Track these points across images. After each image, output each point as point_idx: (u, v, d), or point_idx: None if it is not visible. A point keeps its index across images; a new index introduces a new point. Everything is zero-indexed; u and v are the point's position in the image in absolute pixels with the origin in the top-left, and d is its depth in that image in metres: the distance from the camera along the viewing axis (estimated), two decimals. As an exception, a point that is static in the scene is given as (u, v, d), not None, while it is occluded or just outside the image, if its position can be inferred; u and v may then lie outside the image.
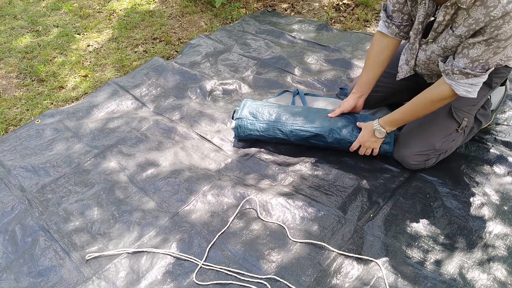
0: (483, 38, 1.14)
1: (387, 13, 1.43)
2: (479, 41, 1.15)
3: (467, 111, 1.44)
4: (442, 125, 1.45)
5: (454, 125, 1.45)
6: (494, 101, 1.62)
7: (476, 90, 1.26)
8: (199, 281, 1.24)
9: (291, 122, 1.60)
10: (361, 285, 1.20)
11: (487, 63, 1.19)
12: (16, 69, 2.42)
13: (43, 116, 1.96)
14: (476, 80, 1.23)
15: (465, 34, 1.18)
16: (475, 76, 1.22)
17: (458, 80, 1.25)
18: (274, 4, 2.90)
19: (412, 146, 1.47)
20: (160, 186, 1.55)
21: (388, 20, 1.43)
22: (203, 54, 2.31)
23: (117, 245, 1.37)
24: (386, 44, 1.48)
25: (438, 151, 1.47)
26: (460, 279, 1.20)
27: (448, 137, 1.45)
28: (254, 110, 1.66)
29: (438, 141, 1.44)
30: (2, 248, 1.38)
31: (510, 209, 1.38)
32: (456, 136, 1.47)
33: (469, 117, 1.45)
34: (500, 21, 1.08)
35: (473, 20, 1.14)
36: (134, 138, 1.77)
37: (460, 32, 1.19)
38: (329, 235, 1.34)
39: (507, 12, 1.06)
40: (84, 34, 2.74)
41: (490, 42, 1.13)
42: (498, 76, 1.42)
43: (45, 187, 1.58)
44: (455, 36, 1.21)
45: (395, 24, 1.42)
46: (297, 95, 1.88)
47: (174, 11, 2.94)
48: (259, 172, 1.59)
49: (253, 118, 1.65)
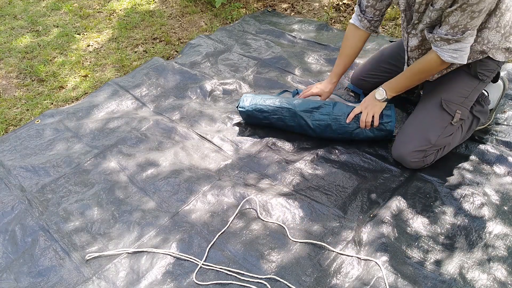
0: (457, 5, 1.21)
1: (360, 8, 1.56)
2: (455, 9, 1.22)
3: (459, 103, 1.46)
4: (435, 118, 1.47)
5: (447, 118, 1.47)
6: (492, 100, 1.63)
7: (462, 55, 1.32)
8: (199, 281, 1.24)
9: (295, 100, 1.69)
10: (361, 285, 1.20)
11: (466, 27, 1.25)
12: (16, 69, 2.42)
13: (43, 116, 1.96)
14: (458, 45, 1.29)
15: (444, 5, 1.26)
16: (456, 41, 1.28)
17: (442, 47, 1.32)
18: (274, 4, 2.90)
19: (409, 144, 1.48)
20: (160, 186, 1.55)
21: (361, 14, 1.57)
22: (203, 54, 2.31)
23: (117, 245, 1.37)
24: (358, 37, 1.63)
25: (436, 146, 1.47)
26: (460, 279, 1.20)
27: (443, 131, 1.46)
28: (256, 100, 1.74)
29: (434, 136, 1.45)
30: (2, 248, 1.38)
31: (510, 209, 1.38)
32: (452, 130, 1.48)
33: (462, 110, 1.47)
34: None
35: None
36: (134, 138, 1.77)
37: (439, 5, 1.27)
38: (329, 235, 1.34)
39: None
40: (84, 34, 2.74)
41: (464, 8, 1.20)
42: (485, 68, 1.44)
43: (45, 187, 1.58)
44: (436, 10, 1.29)
45: (367, 19, 1.56)
46: (296, 94, 1.88)
47: (174, 11, 2.94)
48: (259, 172, 1.59)
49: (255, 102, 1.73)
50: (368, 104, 1.56)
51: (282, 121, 1.68)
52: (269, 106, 1.69)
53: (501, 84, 1.65)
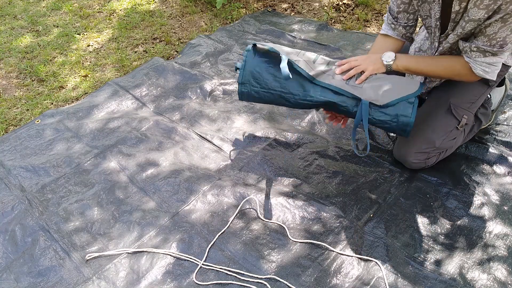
0: (499, 15, 1.14)
1: (392, 15, 1.44)
2: (495, 20, 1.16)
3: (467, 108, 1.44)
4: (442, 122, 1.45)
5: (453, 123, 1.45)
6: (494, 101, 1.63)
7: (494, 71, 1.26)
8: (199, 281, 1.24)
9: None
10: (361, 285, 1.20)
11: (505, 41, 1.19)
12: (16, 69, 2.42)
13: (43, 116, 1.96)
14: (493, 59, 1.23)
15: (482, 16, 1.18)
16: (493, 54, 1.22)
17: (476, 58, 1.26)
18: (274, 4, 2.90)
19: (412, 144, 1.47)
20: (160, 186, 1.55)
21: (394, 21, 1.44)
22: (203, 54, 2.31)
23: (117, 245, 1.37)
24: (390, 44, 1.48)
25: (439, 149, 1.46)
26: (460, 279, 1.20)
27: (448, 135, 1.45)
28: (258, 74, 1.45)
29: (439, 139, 1.44)
30: (2, 248, 1.38)
31: (510, 209, 1.38)
32: (457, 134, 1.47)
33: (468, 115, 1.45)
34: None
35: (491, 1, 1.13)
36: (134, 138, 1.77)
37: (478, 16, 1.18)
38: (329, 235, 1.34)
39: None
40: (84, 34, 2.74)
41: (506, 18, 1.14)
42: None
43: (45, 187, 1.58)
44: (472, 21, 1.21)
45: (401, 25, 1.43)
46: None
47: (174, 11, 2.94)
48: (259, 172, 1.59)
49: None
50: (367, 58, 1.38)
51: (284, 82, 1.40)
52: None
53: (502, 86, 1.65)
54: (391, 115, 1.34)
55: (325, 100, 1.38)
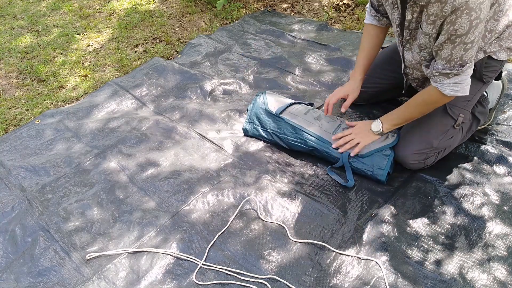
0: (446, 37, 1.17)
1: (374, 8, 1.52)
2: (444, 41, 1.18)
3: (462, 107, 1.45)
4: (438, 122, 1.46)
5: (450, 122, 1.46)
6: (491, 99, 1.62)
7: (464, 87, 1.27)
8: (199, 281, 1.24)
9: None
10: (361, 285, 1.20)
11: (463, 60, 1.20)
12: (16, 69, 2.42)
13: (43, 116, 1.96)
14: (458, 78, 1.25)
15: (431, 31, 1.22)
16: (456, 74, 1.23)
17: (442, 82, 1.27)
18: (274, 4, 2.90)
19: (410, 146, 1.47)
20: (160, 186, 1.55)
21: (377, 14, 1.52)
22: (203, 54, 2.31)
23: (117, 245, 1.37)
24: (379, 32, 1.57)
25: (437, 149, 1.47)
26: (460, 279, 1.20)
27: (445, 134, 1.46)
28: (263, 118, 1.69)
29: (436, 139, 1.45)
30: (2, 248, 1.38)
31: (510, 209, 1.38)
32: (454, 133, 1.47)
33: (464, 113, 1.46)
34: (453, 17, 1.11)
35: (434, 17, 1.18)
36: (134, 138, 1.77)
37: (427, 30, 1.23)
38: (329, 235, 1.34)
39: (456, 7, 1.09)
40: (84, 34, 2.74)
41: (453, 39, 1.16)
42: (489, 70, 1.42)
43: (45, 187, 1.58)
44: (424, 34, 1.26)
45: (384, 16, 1.51)
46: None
47: (174, 11, 2.94)
48: (259, 172, 1.59)
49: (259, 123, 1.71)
50: (360, 131, 1.51)
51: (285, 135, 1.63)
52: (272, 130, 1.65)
53: (500, 84, 1.65)
54: (367, 164, 1.49)
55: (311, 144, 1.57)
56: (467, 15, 1.09)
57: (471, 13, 1.09)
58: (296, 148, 1.62)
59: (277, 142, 1.66)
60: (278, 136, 1.65)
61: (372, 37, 1.58)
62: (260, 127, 1.69)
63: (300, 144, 1.60)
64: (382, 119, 1.49)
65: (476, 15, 1.10)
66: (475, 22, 1.11)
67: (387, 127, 1.48)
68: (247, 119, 1.73)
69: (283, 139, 1.63)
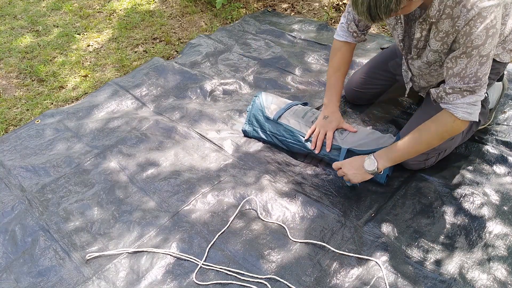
0: (461, 51, 1.13)
1: (358, 26, 1.46)
2: (459, 55, 1.14)
3: None
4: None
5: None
6: (492, 100, 1.62)
7: (475, 111, 1.20)
8: (199, 281, 1.24)
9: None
10: (361, 285, 1.20)
11: (477, 76, 1.14)
12: (16, 69, 2.42)
13: (43, 116, 1.96)
14: (473, 98, 1.18)
15: (441, 48, 1.21)
16: (471, 92, 1.16)
17: (454, 101, 1.20)
18: (274, 4, 2.90)
19: None
20: (160, 186, 1.55)
21: (356, 30, 1.46)
22: (203, 54, 2.31)
23: (117, 245, 1.37)
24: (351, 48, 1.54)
25: (437, 150, 1.46)
26: (460, 279, 1.20)
27: None
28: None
29: None
30: (2, 248, 1.38)
31: (510, 209, 1.38)
32: None
33: None
34: (467, 28, 1.09)
35: (444, 34, 1.17)
36: (134, 138, 1.77)
37: (436, 47, 1.22)
38: (329, 235, 1.34)
39: (469, 18, 1.08)
40: (84, 34, 2.74)
41: (470, 52, 1.11)
42: (491, 71, 1.40)
43: (45, 187, 1.58)
44: (433, 51, 1.24)
45: (363, 33, 1.49)
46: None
47: (174, 11, 2.94)
48: (259, 172, 1.59)
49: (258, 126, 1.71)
50: (350, 167, 1.36)
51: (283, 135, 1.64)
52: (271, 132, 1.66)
53: (500, 84, 1.65)
54: None
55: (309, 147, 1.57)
56: (481, 23, 1.07)
57: (486, 21, 1.07)
58: (295, 150, 1.63)
59: (276, 144, 1.67)
60: (277, 138, 1.65)
61: (344, 55, 1.53)
62: (260, 129, 1.70)
63: (299, 146, 1.60)
64: (378, 155, 1.33)
65: (491, 23, 1.07)
66: (491, 31, 1.08)
67: (384, 165, 1.33)
68: (246, 120, 1.73)
69: (282, 141, 1.64)
